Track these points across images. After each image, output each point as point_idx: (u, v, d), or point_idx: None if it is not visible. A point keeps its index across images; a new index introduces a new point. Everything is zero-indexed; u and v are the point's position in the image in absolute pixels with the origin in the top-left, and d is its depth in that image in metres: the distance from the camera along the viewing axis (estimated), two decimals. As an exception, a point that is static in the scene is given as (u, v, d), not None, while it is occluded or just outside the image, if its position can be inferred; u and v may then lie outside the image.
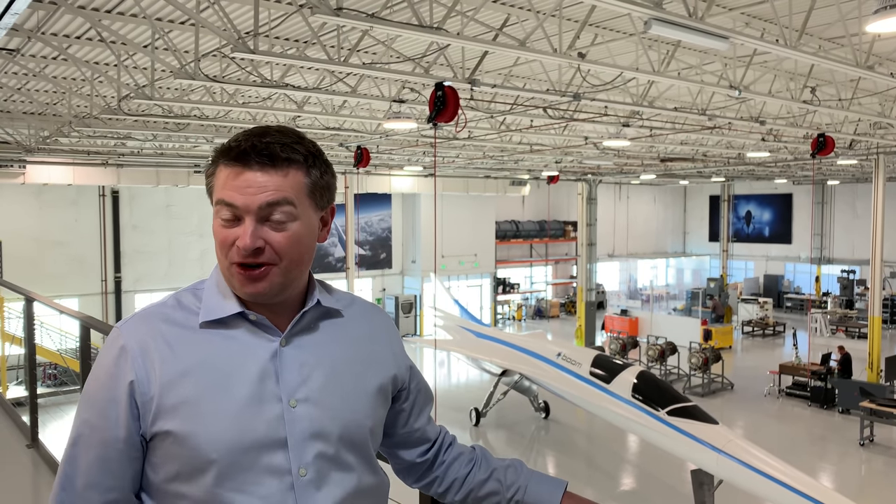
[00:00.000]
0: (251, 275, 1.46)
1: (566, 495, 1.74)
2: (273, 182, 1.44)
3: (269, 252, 1.45)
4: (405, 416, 1.76)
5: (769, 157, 22.81)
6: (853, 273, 35.06)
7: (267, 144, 1.45)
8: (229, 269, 1.48)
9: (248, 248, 1.43)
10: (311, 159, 1.50)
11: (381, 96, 12.11)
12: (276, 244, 1.45)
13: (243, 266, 1.46)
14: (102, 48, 9.92)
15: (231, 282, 1.50)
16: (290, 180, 1.46)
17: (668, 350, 22.31)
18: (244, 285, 1.47)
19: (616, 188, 39.94)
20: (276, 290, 1.49)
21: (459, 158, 23.31)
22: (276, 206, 1.44)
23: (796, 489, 9.02)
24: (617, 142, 16.81)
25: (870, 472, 15.32)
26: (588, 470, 15.26)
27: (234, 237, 1.45)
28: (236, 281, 1.48)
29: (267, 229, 1.45)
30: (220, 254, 1.49)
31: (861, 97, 13.03)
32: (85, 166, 21.49)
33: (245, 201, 1.43)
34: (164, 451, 1.43)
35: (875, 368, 20.22)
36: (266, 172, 1.44)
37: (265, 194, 1.43)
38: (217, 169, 1.48)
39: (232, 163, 1.45)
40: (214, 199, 1.48)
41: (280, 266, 1.47)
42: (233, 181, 1.45)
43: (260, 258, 1.45)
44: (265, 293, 1.48)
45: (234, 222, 1.45)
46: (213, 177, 1.49)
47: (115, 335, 1.49)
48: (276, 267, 1.47)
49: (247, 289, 1.47)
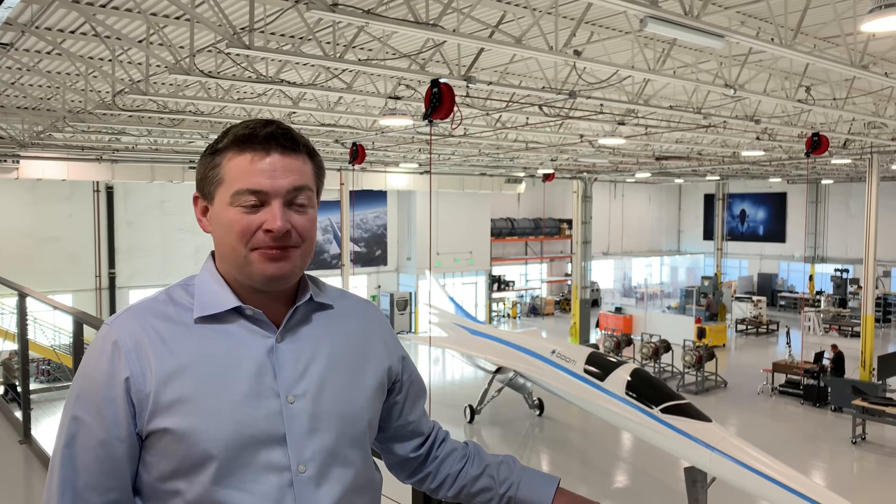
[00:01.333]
0: (277, 255, 1.46)
1: (559, 491, 1.74)
2: (296, 166, 1.48)
3: (294, 235, 1.47)
4: (399, 409, 1.75)
5: (764, 156, 22.87)
6: (846, 272, 35.20)
7: (286, 130, 1.48)
8: (248, 256, 1.46)
9: (281, 230, 1.44)
10: (311, 148, 1.54)
11: (376, 93, 12.09)
12: (300, 227, 1.48)
13: (269, 248, 1.45)
14: (97, 43, 9.88)
15: (248, 268, 1.47)
16: (307, 166, 1.51)
17: (662, 348, 22.37)
18: (268, 266, 1.46)
19: (611, 186, 39.99)
20: (296, 272, 1.51)
21: (455, 156, 23.29)
22: (300, 190, 1.47)
23: (789, 487, 9.06)
24: (612, 140, 16.83)
25: (862, 470, 15.40)
26: (582, 467, 15.29)
27: (258, 223, 1.44)
28: (257, 265, 1.46)
29: (291, 213, 1.47)
30: (239, 242, 1.45)
31: (855, 97, 13.06)
32: (79, 161, 21.39)
33: (273, 185, 1.44)
34: (160, 448, 1.41)
35: (868, 367, 20.31)
36: (289, 156, 1.47)
37: (292, 178, 1.46)
38: (225, 157, 1.46)
39: (254, 147, 1.45)
40: (229, 189, 1.45)
41: (301, 249, 1.49)
42: (257, 165, 1.44)
43: (287, 241, 1.46)
44: (288, 274, 1.48)
45: (256, 208, 1.45)
46: (220, 167, 1.47)
47: (107, 331, 1.46)
48: (298, 250, 1.48)
49: (270, 270, 1.46)
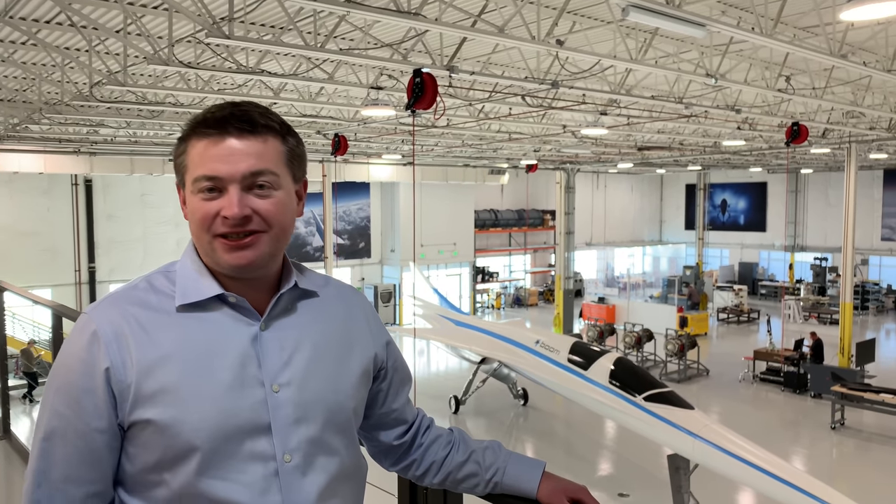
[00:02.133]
0: (238, 244, 1.41)
1: (545, 476, 1.73)
2: (254, 149, 1.41)
3: (257, 220, 1.41)
4: (383, 396, 1.73)
5: (744, 146, 23.05)
6: (825, 260, 35.67)
7: (245, 111, 1.42)
8: (211, 243, 1.42)
9: (237, 217, 1.38)
10: (284, 128, 1.48)
11: (358, 83, 12.02)
12: (264, 211, 1.42)
13: (229, 237, 1.40)
14: (73, 33, 9.71)
15: (214, 257, 1.44)
16: (270, 148, 1.43)
17: (644, 337, 22.55)
18: (230, 256, 1.41)
19: (594, 177, 40.15)
20: (264, 260, 1.45)
21: (438, 147, 23.25)
22: (259, 175, 1.41)
23: (770, 472, 9.17)
24: (595, 130, 16.87)
25: (840, 455, 15.64)
26: (566, 456, 15.39)
27: (217, 209, 1.40)
28: (220, 254, 1.42)
29: (252, 197, 1.41)
30: (201, 230, 1.42)
31: (834, 86, 13.19)
32: (56, 154, 21.10)
33: (229, 170, 1.39)
34: (143, 440, 1.38)
35: (846, 354, 20.61)
36: (246, 139, 1.41)
37: (248, 162, 1.40)
38: (189, 144, 1.43)
39: (209, 132, 1.40)
40: (191, 176, 1.43)
41: (269, 234, 1.43)
42: (212, 150, 1.40)
43: (248, 227, 1.41)
44: (253, 263, 1.43)
45: (216, 195, 1.40)
46: (185, 154, 1.44)
47: (85, 321, 1.42)
48: (265, 235, 1.43)
49: (233, 260, 1.42)
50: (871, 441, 15.98)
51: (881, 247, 35.13)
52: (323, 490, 1.47)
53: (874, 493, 12.61)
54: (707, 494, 11.65)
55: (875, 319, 31.69)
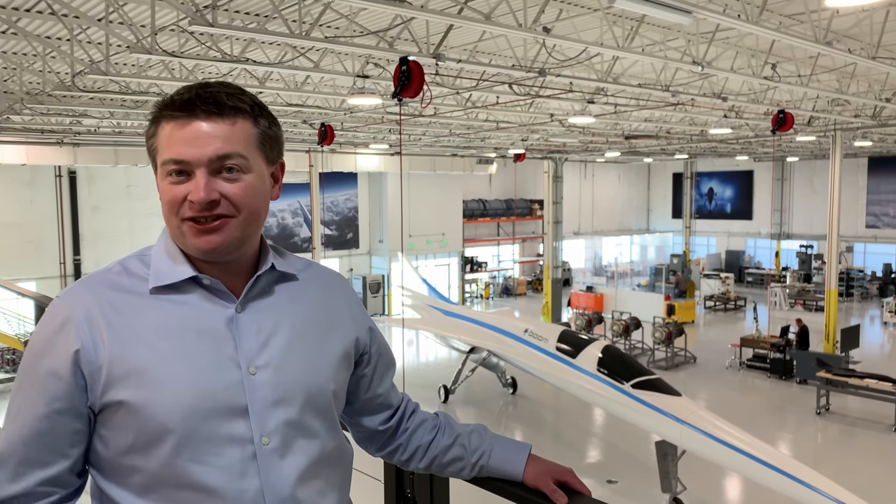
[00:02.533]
0: (206, 228, 1.39)
1: (531, 458, 1.74)
2: (222, 131, 1.38)
3: (225, 204, 1.39)
4: (367, 382, 1.72)
5: (731, 134, 23.14)
6: (811, 248, 35.96)
7: (212, 93, 1.39)
8: (180, 227, 1.40)
9: (203, 201, 1.36)
10: (257, 109, 1.45)
11: (344, 72, 11.94)
12: (231, 195, 1.39)
13: (197, 220, 1.38)
14: (54, 21, 9.56)
15: (183, 240, 1.42)
16: (239, 130, 1.40)
17: (632, 325, 22.66)
18: (198, 240, 1.39)
19: (581, 166, 40.20)
20: (233, 244, 1.42)
21: (426, 136, 23.17)
22: (227, 158, 1.38)
23: (756, 457, 9.26)
24: (582, 119, 16.86)
25: (825, 440, 15.82)
26: (555, 443, 15.48)
27: (184, 193, 1.38)
28: (189, 238, 1.40)
29: (220, 181, 1.39)
30: (170, 214, 1.41)
31: (819, 73, 13.24)
32: (39, 145, 20.84)
33: (195, 153, 1.36)
34: (117, 422, 1.36)
35: (831, 340, 20.81)
36: (213, 121, 1.38)
37: (215, 145, 1.37)
38: (159, 127, 1.41)
39: (176, 114, 1.38)
40: (159, 159, 1.40)
41: (238, 219, 1.41)
42: (178, 133, 1.37)
43: (216, 211, 1.38)
44: (221, 247, 1.41)
45: (183, 178, 1.38)
46: (156, 136, 1.41)
47: (57, 304, 1.41)
48: (233, 219, 1.41)
49: (201, 244, 1.40)
50: (856, 426, 16.17)
51: (866, 234, 35.45)
52: (303, 472, 1.45)
53: (858, 477, 12.77)
54: (694, 480, 11.76)
55: (860, 306, 32.02)
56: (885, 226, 34.79)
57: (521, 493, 1.69)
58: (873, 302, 32.20)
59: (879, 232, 35.02)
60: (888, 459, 14.20)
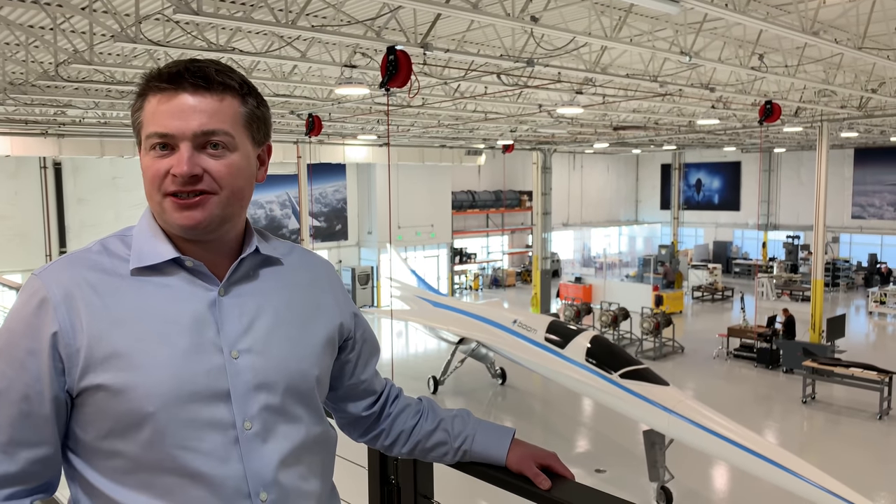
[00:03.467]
0: (187, 203, 1.36)
1: (514, 443, 1.73)
2: (209, 106, 1.36)
3: (207, 180, 1.37)
4: (351, 368, 1.71)
5: (719, 125, 23.21)
6: (798, 238, 36.21)
7: (201, 67, 1.37)
8: (161, 203, 1.38)
9: (186, 175, 1.34)
10: (245, 87, 1.43)
11: (332, 62, 11.86)
12: (215, 172, 1.37)
13: (178, 195, 1.36)
14: (37, 10, 9.43)
15: (164, 217, 1.40)
16: (226, 107, 1.38)
17: (620, 316, 22.76)
18: (178, 215, 1.37)
19: (570, 157, 40.24)
20: (214, 222, 1.40)
21: (414, 127, 23.11)
22: (212, 135, 1.36)
23: (743, 446, 9.34)
24: (570, 109, 16.86)
25: (811, 428, 15.98)
26: (544, 433, 15.55)
27: (167, 167, 1.35)
28: (170, 214, 1.38)
29: (204, 157, 1.36)
30: (152, 188, 1.38)
31: (806, 64, 13.29)
32: (23, 136, 20.60)
33: (180, 126, 1.34)
34: (96, 406, 1.34)
35: (817, 329, 20.99)
36: (201, 95, 1.36)
37: (200, 119, 1.35)
38: (145, 101, 1.38)
39: (163, 86, 1.35)
40: (144, 133, 1.38)
41: (220, 196, 1.39)
42: (164, 106, 1.35)
43: (198, 186, 1.36)
44: (202, 224, 1.38)
45: (168, 152, 1.36)
46: (142, 110, 1.39)
47: (34, 283, 1.37)
48: (215, 196, 1.38)
49: (181, 220, 1.37)
50: (841, 414, 16.34)
51: (851, 224, 35.73)
52: (285, 457, 1.44)
53: (843, 464, 12.92)
54: (682, 469, 11.86)
55: (845, 296, 32.30)
56: (870, 216, 35.09)
57: (504, 478, 1.69)
58: (859, 292, 32.50)
59: (865, 222, 35.31)
60: (873, 447, 14.37)
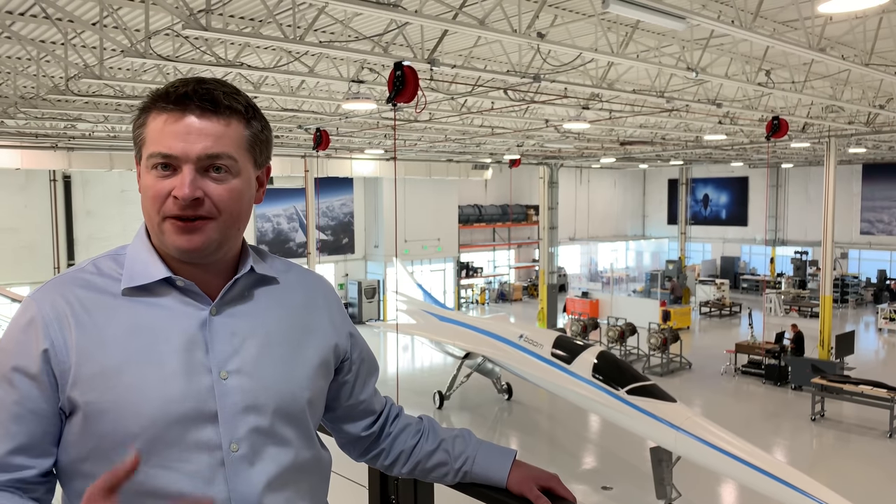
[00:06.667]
0: (187, 227, 1.35)
1: (515, 464, 1.71)
2: (215, 130, 1.35)
3: (208, 205, 1.36)
4: (349, 389, 1.69)
5: (726, 140, 23.19)
6: (806, 254, 36.01)
7: (209, 90, 1.36)
8: (160, 225, 1.37)
9: (188, 198, 1.33)
10: (251, 111, 1.42)
11: (339, 77, 11.94)
12: (216, 197, 1.36)
13: (179, 219, 1.35)
14: (48, 25, 9.55)
15: (162, 239, 1.39)
16: (232, 131, 1.37)
17: (627, 331, 22.64)
18: (178, 238, 1.36)
19: (577, 172, 40.25)
20: (212, 246, 1.39)
21: (421, 142, 23.18)
22: (216, 158, 1.35)
23: (751, 463, 9.24)
24: (577, 124, 16.88)
25: (820, 446, 15.82)
26: (550, 449, 15.44)
27: (169, 188, 1.35)
28: (168, 236, 1.37)
29: (207, 181, 1.36)
30: (152, 209, 1.37)
31: (813, 80, 13.29)
32: (33, 150, 20.79)
33: (184, 148, 1.33)
34: (80, 426, 1.33)
35: (826, 346, 20.82)
36: (207, 119, 1.35)
37: (205, 143, 1.34)
38: (149, 118, 1.38)
39: (170, 107, 1.35)
40: (146, 151, 1.37)
41: (218, 221, 1.38)
42: (171, 127, 1.34)
43: (198, 210, 1.35)
44: (200, 248, 1.38)
45: (170, 173, 1.35)
46: (144, 127, 1.38)
47: (27, 303, 1.38)
48: (213, 221, 1.37)
49: (180, 243, 1.36)
50: (851, 432, 16.17)
51: (860, 240, 35.54)
52: (272, 480, 1.42)
53: (853, 482, 12.76)
54: (690, 486, 11.74)
55: (854, 312, 32.07)
56: (879, 232, 34.90)
57: (505, 500, 1.66)
58: (868, 308, 32.26)
59: (874, 238, 35.12)
60: (883, 465, 14.19)
